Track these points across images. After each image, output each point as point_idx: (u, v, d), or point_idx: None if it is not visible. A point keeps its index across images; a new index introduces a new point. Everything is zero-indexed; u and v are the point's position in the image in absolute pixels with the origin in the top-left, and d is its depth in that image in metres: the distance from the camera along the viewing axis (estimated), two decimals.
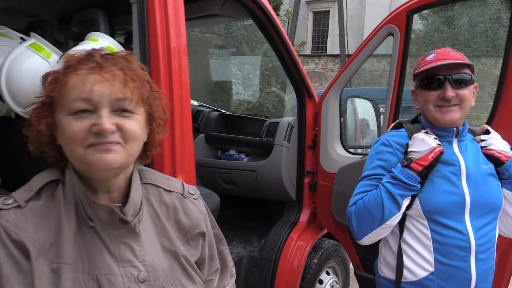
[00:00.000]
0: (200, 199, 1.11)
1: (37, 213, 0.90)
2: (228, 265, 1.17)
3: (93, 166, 0.87)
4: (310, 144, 2.78)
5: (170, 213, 1.04)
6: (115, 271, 0.91)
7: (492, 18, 10.10)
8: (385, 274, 1.63)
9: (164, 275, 0.97)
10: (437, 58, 1.50)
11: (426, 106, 1.54)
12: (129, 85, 0.90)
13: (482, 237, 1.49)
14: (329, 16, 22.44)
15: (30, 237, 0.87)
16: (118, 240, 0.93)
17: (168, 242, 1.00)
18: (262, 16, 2.32)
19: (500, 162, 1.53)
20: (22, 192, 0.92)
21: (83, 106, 0.87)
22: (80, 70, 0.89)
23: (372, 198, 1.52)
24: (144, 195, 1.01)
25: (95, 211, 0.91)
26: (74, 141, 0.87)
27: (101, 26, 1.77)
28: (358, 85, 9.71)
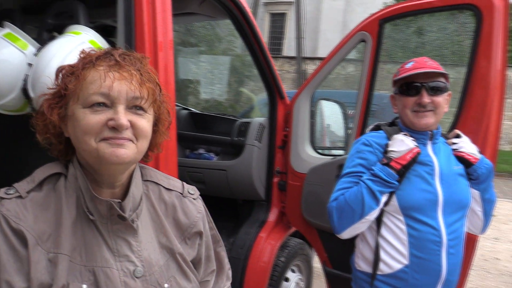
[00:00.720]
0: (199, 199, 1.13)
1: (37, 204, 0.92)
2: (224, 267, 1.18)
3: (106, 159, 0.89)
4: (280, 145, 2.84)
5: (169, 211, 1.05)
6: (111, 265, 0.92)
7: (457, 30, 10.73)
8: (361, 268, 1.72)
9: (160, 271, 0.98)
10: (415, 67, 1.61)
11: (404, 111, 1.65)
12: (145, 85, 0.93)
13: (453, 233, 1.61)
14: (286, 18, 22.75)
15: (28, 226, 0.89)
16: (116, 235, 0.95)
17: (165, 238, 1.02)
18: (240, 16, 2.34)
19: (469, 164, 1.67)
20: (24, 183, 0.94)
21: (101, 99, 0.90)
22: (100, 66, 0.92)
23: (353, 194, 1.60)
24: (144, 191, 1.03)
25: (95, 205, 0.93)
26: (88, 133, 0.89)
27: (81, 19, 1.72)
28: (328, 88, 9.97)
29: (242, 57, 10.89)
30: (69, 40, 1.54)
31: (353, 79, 14.04)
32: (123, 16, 1.57)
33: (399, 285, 1.60)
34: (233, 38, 10.89)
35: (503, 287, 4.39)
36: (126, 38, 1.56)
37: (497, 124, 2.05)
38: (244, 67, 11.04)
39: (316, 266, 3.72)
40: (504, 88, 2.08)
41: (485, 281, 4.51)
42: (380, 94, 6.74)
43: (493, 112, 2.04)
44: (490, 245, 5.66)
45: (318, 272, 4.03)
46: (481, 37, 2.08)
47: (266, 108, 2.91)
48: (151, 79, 0.96)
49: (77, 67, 0.93)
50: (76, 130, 0.91)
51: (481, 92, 2.07)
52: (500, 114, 2.06)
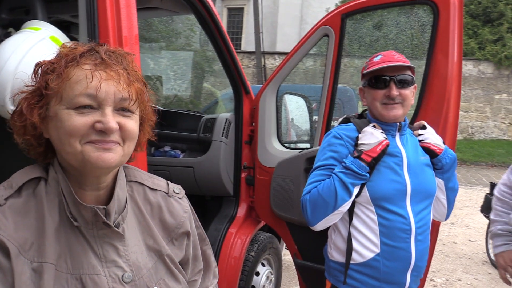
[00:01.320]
0: (185, 198, 1.10)
1: (17, 211, 0.87)
2: (211, 265, 1.16)
3: (92, 163, 0.85)
4: (247, 140, 2.84)
5: (155, 212, 1.02)
6: (99, 271, 0.89)
7: (416, 24, 11.07)
8: (335, 258, 1.75)
9: (148, 274, 0.95)
10: (383, 60, 1.65)
11: (373, 103, 1.69)
12: (133, 86, 0.90)
13: (420, 221, 1.67)
14: (243, 13, 22.70)
15: (9, 236, 0.84)
16: (102, 240, 0.91)
17: (152, 240, 0.99)
18: (203, 10, 2.31)
19: (434, 154, 1.74)
20: (1, 189, 0.88)
21: (87, 101, 0.85)
22: (85, 65, 0.86)
23: (325, 186, 1.63)
24: (129, 192, 0.99)
25: (79, 211, 0.89)
26: (73, 135, 0.84)
27: (39, 14, 1.64)
28: (292, 83, 10.05)
29: (204, 52, 10.81)
30: (27, 37, 1.47)
31: (312, 73, 14.24)
32: (85, 11, 1.51)
33: (371, 273, 1.65)
34: (194, 33, 10.77)
35: (461, 269, 4.63)
36: (89, 34, 1.50)
37: (455, 115, 2.14)
38: (206, 62, 10.95)
39: (284, 258, 3.78)
40: (460, 80, 2.17)
41: (444, 264, 4.73)
42: (345, 87, 6.86)
43: (451, 103, 2.12)
44: (447, 230, 5.94)
45: (286, 264, 4.09)
46: (438, 32, 2.17)
47: (230, 103, 2.90)
48: (138, 78, 0.92)
49: (59, 64, 0.87)
50: (59, 132, 0.86)
51: (440, 84, 2.15)
52: (457, 105, 2.15)
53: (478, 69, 14.39)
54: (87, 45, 0.91)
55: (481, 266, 4.72)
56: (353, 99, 6.62)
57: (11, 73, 1.39)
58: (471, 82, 14.41)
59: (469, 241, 5.54)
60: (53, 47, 1.50)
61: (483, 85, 14.38)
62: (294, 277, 3.87)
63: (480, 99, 14.46)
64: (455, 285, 4.21)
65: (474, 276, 4.44)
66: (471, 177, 10.37)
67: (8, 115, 1.44)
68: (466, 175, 10.57)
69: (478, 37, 14.66)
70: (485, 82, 14.37)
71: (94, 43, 0.93)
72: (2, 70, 1.39)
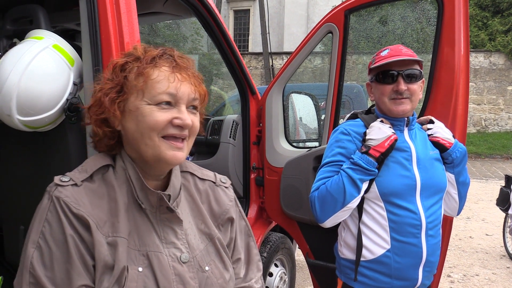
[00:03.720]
0: (230, 188, 1.20)
1: (91, 191, 0.97)
2: (254, 258, 1.20)
3: (167, 160, 0.96)
4: (255, 140, 2.83)
5: (204, 199, 1.12)
6: (161, 250, 0.99)
7: (421, 17, 10.99)
8: (345, 256, 1.74)
9: (201, 254, 1.05)
10: (391, 54, 1.63)
11: (381, 98, 1.66)
12: (200, 87, 1.03)
13: (431, 215, 1.65)
14: (249, 14, 22.73)
15: (88, 212, 0.93)
16: (163, 224, 1.01)
17: (203, 225, 1.09)
18: (205, 13, 2.31)
19: (444, 148, 1.71)
20: (77, 173, 0.99)
21: (168, 98, 0.96)
22: (163, 67, 0.98)
23: (334, 183, 1.62)
24: (182, 181, 1.10)
25: (145, 196, 1.00)
26: (154, 129, 0.95)
27: (42, 23, 1.66)
28: (301, 81, 10.03)
29: (211, 55, 10.85)
30: (31, 46, 1.48)
31: (320, 71, 14.20)
32: (87, 19, 1.52)
33: (382, 270, 1.63)
34: (199, 37, 10.80)
35: (478, 264, 4.56)
36: (91, 41, 1.51)
37: (464, 107, 2.11)
38: (213, 65, 10.98)
39: (298, 258, 3.76)
40: (468, 72, 2.14)
41: (461, 260, 4.67)
42: (352, 84, 6.81)
43: (460, 95, 2.09)
44: (463, 225, 5.86)
45: (300, 264, 4.07)
46: (443, 24, 2.13)
47: (238, 105, 2.90)
48: (202, 81, 1.04)
49: (140, 64, 0.98)
50: (140, 125, 0.96)
51: (447, 77, 2.12)
52: (466, 98, 2.12)
53: (489, 60, 14.19)
54: (159, 48, 1.02)
55: (498, 260, 4.64)
56: (361, 96, 6.57)
57: (16, 82, 1.41)
58: (483, 74, 14.22)
59: (485, 235, 5.46)
60: (56, 55, 1.51)
61: (495, 77, 14.18)
62: (308, 277, 3.85)
63: (493, 91, 14.26)
64: (473, 280, 4.14)
65: (492, 270, 4.37)
66: (486, 170, 10.22)
67: (15, 124, 1.46)
68: (481, 168, 10.42)
69: (488, 28, 14.47)
70: (497, 73, 14.17)
71: (164, 48, 1.04)
72: (7, 80, 1.41)
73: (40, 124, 1.50)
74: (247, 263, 1.18)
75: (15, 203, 1.99)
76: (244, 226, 1.19)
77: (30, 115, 1.45)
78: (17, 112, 1.43)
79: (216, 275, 1.05)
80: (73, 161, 1.67)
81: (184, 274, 0.99)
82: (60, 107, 1.50)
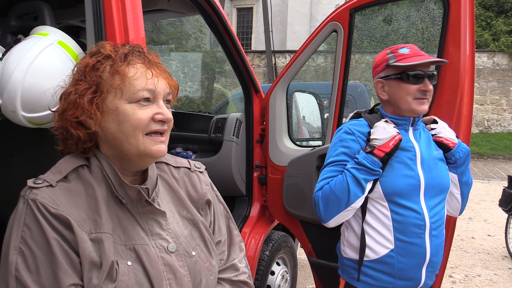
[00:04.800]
0: (205, 173, 1.21)
1: (68, 191, 0.95)
2: (235, 239, 1.21)
3: (153, 155, 0.97)
4: (258, 139, 2.83)
5: (181, 186, 1.13)
6: (148, 242, 1.00)
7: (426, 17, 10.96)
8: (348, 255, 1.73)
9: (185, 241, 1.06)
10: (414, 54, 1.61)
11: (405, 98, 1.62)
12: (173, 81, 1.03)
13: (435, 215, 1.64)
14: (252, 12, 22.69)
15: (67, 210, 0.92)
16: (146, 216, 1.02)
17: (185, 211, 1.10)
18: (210, 11, 2.31)
19: (448, 148, 1.70)
20: (50, 174, 0.97)
21: (147, 95, 0.96)
22: (137, 64, 0.98)
23: (338, 183, 1.61)
24: (158, 172, 1.10)
25: (125, 191, 0.99)
26: (138, 128, 0.95)
27: (47, 20, 1.66)
28: (304, 80, 10.02)
29: (214, 53, 10.83)
30: (36, 42, 1.48)
31: (324, 70, 14.18)
32: (92, 15, 1.52)
33: (386, 270, 1.63)
34: (202, 35, 10.78)
35: (480, 264, 4.55)
36: (96, 37, 1.51)
37: (469, 108, 2.10)
38: (217, 63, 10.97)
39: (300, 257, 3.76)
40: (473, 72, 2.13)
41: (463, 260, 4.66)
42: (356, 83, 6.79)
43: (465, 96, 2.08)
44: (465, 225, 5.84)
45: (302, 263, 4.07)
46: (449, 24, 2.12)
47: (241, 103, 2.89)
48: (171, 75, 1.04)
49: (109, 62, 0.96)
50: (123, 126, 0.95)
51: (452, 77, 2.11)
52: (471, 98, 2.11)
53: (492, 60, 14.14)
54: (126, 46, 1.01)
55: (500, 261, 4.63)
56: (365, 95, 6.55)
57: (21, 79, 1.41)
58: (486, 74, 14.16)
59: (488, 236, 5.44)
60: (61, 51, 1.51)
61: (499, 77, 14.13)
62: (310, 276, 3.85)
63: (496, 91, 14.21)
64: (475, 281, 4.14)
65: (494, 271, 4.36)
66: (489, 170, 10.20)
67: (19, 120, 1.46)
68: (483, 169, 10.40)
69: (492, 29, 14.41)
70: (500, 74, 14.11)
71: (131, 44, 1.03)
72: (11, 76, 1.41)
73: (45, 120, 1.50)
74: (229, 245, 1.19)
75: (17, 201, 1.99)
76: (222, 209, 1.21)
77: (35, 112, 1.45)
78: (22, 108, 1.43)
79: (202, 258, 1.07)
80: None
81: (173, 263, 1.01)
82: None
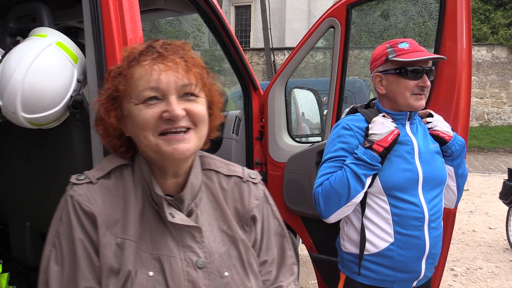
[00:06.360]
0: (260, 184, 1.11)
1: (106, 190, 0.96)
2: (287, 260, 1.10)
3: (168, 156, 0.92)
4: (258, 136, 2.84)
5: (228, 198, 1.05)
6: (175, 254, 0.95)
7: (423, 11, 10.94)
8: (348, 250, 1.75)
9: (220, 259, 0.98)
10: (414, 49, 1.62)
11: (403, 93, 1.63)
12: (192, 71, 0.95)
13: (433, 208, 1.66)
14: (250, 10, 22.66)
15: (99, 211, 0.93)
16: (179, 226, 0.96)
17: (226, 226, 1.02)
18: (207, 9, 2.31)
19: (444, 141, 1.72)
20: (94, 171, 0.99)
21: (152, 94, 0.92)
22: (144, 62, 0.93)
23: (338, 178, 1.62)
24: (204, 180, 1.04)
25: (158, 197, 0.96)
26: (146, 128, 0.91)
27: (45, 21, 1.67)
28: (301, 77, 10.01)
29: (213, 52, 10.82)
30: (34, 44, 1.49)
31: (322, 66, 14.17)
32: (89, 16, 1.53)
33: (386, 263, 1.64)
34: (201, 33, 10.77)
35: (481, 257, 4.56)
36: (94, 38, 1.52)
37: (466, 101, 2.11)
38: (215, 61, 10.96)
39: (301, 253, 3.77)
40: (470, 66, 2.14)
41: (464, 253, 4.67)
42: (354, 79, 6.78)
43: (462, 89, 2.09)
44: (466, 219, 5.86)
45: (304, 259, 4.09)
46: (445, 18, 2.13)
47: (240, 100, 2.90)
48: (197, 64, 0.97)
49: (123, 67, 0.95)
50: (134, 128, 0.93)
51: (450, 71, 2.12)
52: (469, 91, 2.12)
53: (492, 54, 14.13)
54: (145, 43, 0.98)
55: (502, 253, 4.64)
56: (364, 90, 6.56)
57: (20, 80, 1.42)
58: (485, 67, 14.16)
59: (489, 228, 5.46)
60: (60, 52, 1.52)
61: (498, 70, 14.12)
62: (312, 272, 3.86)
63: (495, 84, 14.20)
64: (476, 273, 4.15)
65: (495, 264, 4.38)
66: (489, 164, 10.20)
67: (20, 121, 1.47)
68: (484, 162, 10.41)
69: (491, 22, 14.39)
70: (499, 67, 14.11)
71: (151, 41, 0.99)
72: (11, 78, 1.42)
73: (45, 121, 1.51)
74: (279, 266, 1.08)
75: (20, 200, 2.00)
76: (276, 226, 1.10)
77: (35, 113, 1.46)
78: (22, 109, 1.44)
79: (236, 281, 0.97)
80: (77, 157, 1.68)
81: (198, 281, 0.94)
82: (64, 104, 1.51)
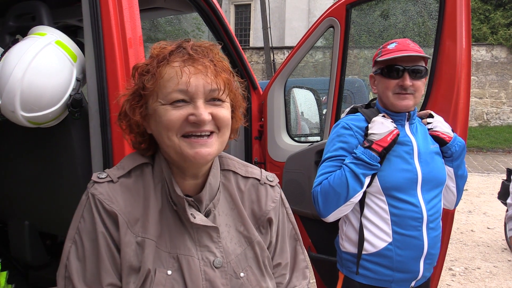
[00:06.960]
0: (277, 187, 1.12)
1: (127, 189, 0.97)
2: (300, 264, 1.13)
3: (191, 159, 0.92)
4: (257, 135, 2.84)
5: (245, 199, 1.06)
6: (193, 254, 0.96)
7: (423, 11, 10.93)
8: (347, 249, 1.75)
9: (236, 260, 1.00)
10: (398, 48, 1.63)
11: (385, 92, 1.66)
12: (220, 76, 0.94)
13: (432, 208, 1.66)
14: (250, 9, 22.64)
15: (120, 210, 0.94)
16: (197, 226, 0.97)
17: (243, 227, 1.03)
18: (207, 8, 2.31)
19: (444, 142, 1.72)
20: (115, 169, 0.99)
21: (180, 96, 0.92)
22: (174, 63, 0.93)
23: (337, 178, 1.62)
24: (222, 181, 1.05)
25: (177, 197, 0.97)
26: (170, 129, 0.92)
27: (45, 20, 1.67)
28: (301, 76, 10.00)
29: None
30: (34, 42, 1.49)
31: (322, 66, 14.17)
32: (89, 14, 1.53)
33: (384, 263, 1.64)
34: (201, 32, 10.76)
35: (479, 257, 4.57)
36: (93, 36, 1.52)
37: (465, 101, 2.11)
38: None
39: None
40: (470, 66, 2.14)
41: (463, 253, 4.68)
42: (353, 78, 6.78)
43: (462, 89, 2.09)
44: (464, 218, 5.87)
45: None
46: (445, 18, 2.13)
47: None
48: (225, 68, 0.97)
49: (151, 65, 0.95)
50: (158, 127, 0.94)
51: (449, 71, 2.12)
52: (468, 91, 2.12)
53: (491, 54, 14.13)
54: (175, 43, 0.98)
55: (500, 253, 4.65)
56: (363, 90, 6.56)
57: (19, 79, 1.42)
58: (485, 67, 14.16)
59: (487, 228, 5.46)
60: (59, 51, 1.52)
61: (497, 70, 14.13)
62: (310, 271, 3.86)
63: (495, 84, 14.21)
64: (474, 273, 4.16)
65: (494, 263, 4.38)
66: (488, 164, 10.21)
67: (19, 120, 1.47)
68: (482, 162, 10.41)
69: (490, 22, 14.40)
70: (499, 67, 14.12)
71: (181, 40, 0.99)
72: (10, 77, 1.42)
73: (44, 120, 1.51)
74: (291, 269, 1.10)
75: (19, 199, 2.00)
76: (290, 229, 1.12)
77: (34, 111, 1.46)
78: (21, 108, 1.44)
79: (251, 282, 0.99)
80: (76, 156, 1.68)
81: (216, 280, 0.95)
82: (63, 103, 1.51)
